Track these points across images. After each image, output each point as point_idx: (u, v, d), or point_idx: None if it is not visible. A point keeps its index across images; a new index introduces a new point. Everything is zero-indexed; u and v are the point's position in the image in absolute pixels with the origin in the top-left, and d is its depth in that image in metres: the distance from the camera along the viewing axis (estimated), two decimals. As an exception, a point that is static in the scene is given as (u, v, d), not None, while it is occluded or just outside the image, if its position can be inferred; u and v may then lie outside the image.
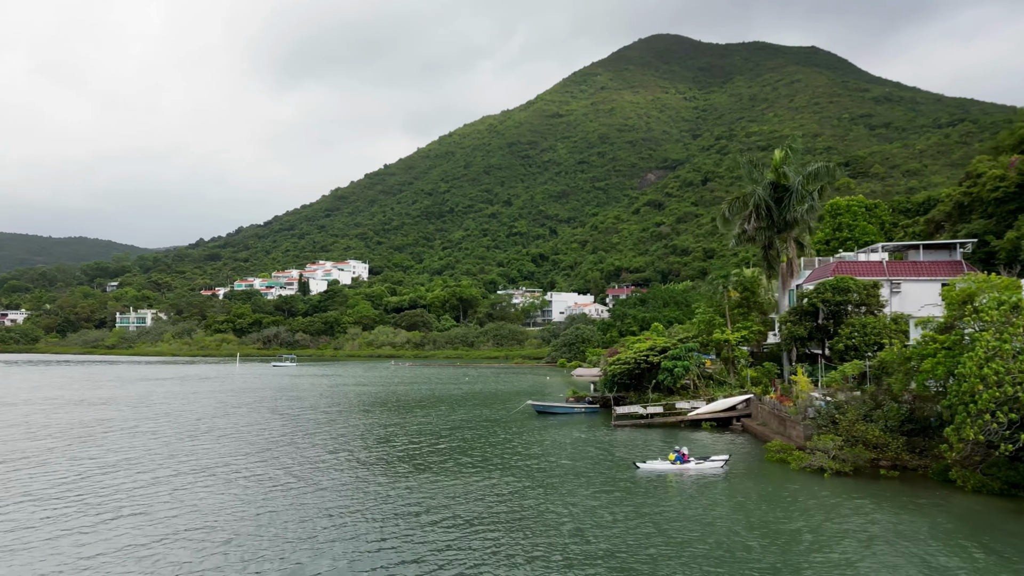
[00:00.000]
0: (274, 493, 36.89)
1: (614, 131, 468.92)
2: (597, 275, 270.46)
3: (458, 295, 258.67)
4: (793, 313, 64.52)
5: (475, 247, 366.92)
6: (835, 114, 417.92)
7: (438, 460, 45.78)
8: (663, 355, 66.35)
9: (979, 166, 79.05)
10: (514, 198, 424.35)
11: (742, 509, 33.30)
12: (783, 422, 50.46)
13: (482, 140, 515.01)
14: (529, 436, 55.78)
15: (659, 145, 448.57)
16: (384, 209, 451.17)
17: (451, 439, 54.33)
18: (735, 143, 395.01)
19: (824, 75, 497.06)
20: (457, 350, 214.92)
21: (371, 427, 61.60)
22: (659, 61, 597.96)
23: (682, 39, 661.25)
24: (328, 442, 53.64)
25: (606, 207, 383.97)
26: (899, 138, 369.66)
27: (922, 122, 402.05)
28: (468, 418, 67.88)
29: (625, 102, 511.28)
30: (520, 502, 34.68)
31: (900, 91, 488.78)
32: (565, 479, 39.67)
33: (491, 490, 37.02)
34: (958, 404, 36.37)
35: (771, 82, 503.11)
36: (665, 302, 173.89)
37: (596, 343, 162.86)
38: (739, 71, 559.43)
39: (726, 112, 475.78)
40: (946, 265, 69.79)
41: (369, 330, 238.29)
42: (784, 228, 65.75)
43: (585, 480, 39.63)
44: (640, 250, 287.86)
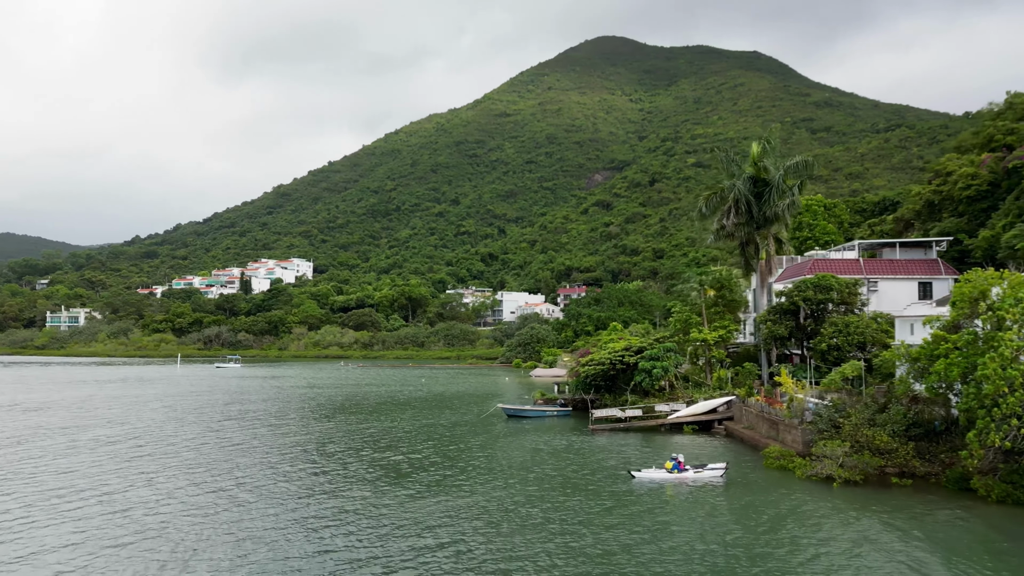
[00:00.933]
0: (250, 524, 33.12)
1: (561, 131, 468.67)
2: (548, 275, 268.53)
3: (407, 294, 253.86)
4: (772, 312, 62.74)
5: (423, 246, 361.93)
6: (777, 118, 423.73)
7: (416, 472, 42.37)
8: (640, 355, 63.90)
9: (949, 164, 78.74)
10: (462, 197, 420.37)
11: (758, 525, 30.75)
12: (775, 426, 48.39)
13: (429, 138, 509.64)
14: (506, 443, 52.70)
15: (606, 146, 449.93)
16: (329, 207, 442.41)
17: (425, 447, 50.90)
18: (681, 145, 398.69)
19: (767, 79, 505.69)
20: (407, 350, 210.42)
21: (336, 435, 57.73)
22: (605, 63, 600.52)
23: (628, 41, 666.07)
24: (296, 454, 49.75)
25: (554, 207, 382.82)
26: (839, 142, 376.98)
27: (861, 127, 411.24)
28: (437, 423, 64.47)
29: (572, 103, 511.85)
30: (520, 522, 31.56)
31: (839, 96, 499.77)
32: (559, 493, 36.68)
33: (483, 509, 33.82)
34: (978, 408, 34.52)
35: (715, 85, 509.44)
36: (620, 301, 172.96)
37: (551, 343, 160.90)
38: (684, 74, 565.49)
39: (671, 114, 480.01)
40: (922, 263, 68.99)
41: (315, 330, 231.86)
42: (764, 224, 63.95)
43: (581, 494, 36.72)
44: (590, 250, 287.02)
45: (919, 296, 67.48)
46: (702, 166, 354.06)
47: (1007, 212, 68.47)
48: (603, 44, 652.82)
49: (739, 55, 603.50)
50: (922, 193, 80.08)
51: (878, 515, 32.10)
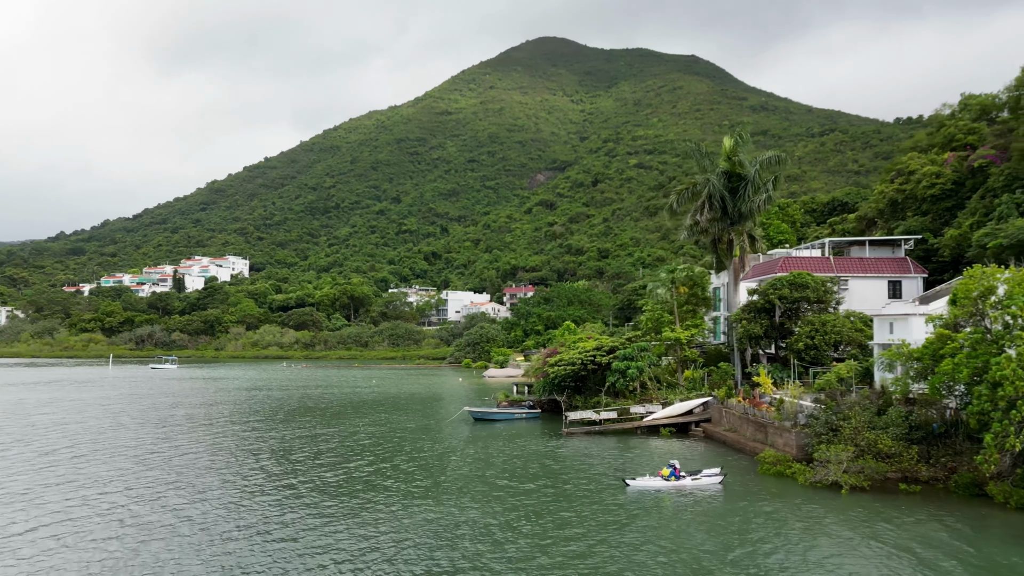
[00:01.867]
0: (210, 545, 29.77)
1: (503, 131, 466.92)
2: (493, 274, 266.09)
3: (349, 293, 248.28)
4: (747, 310, 61.48)
5: (364, 244, 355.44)
6: (716, 121, 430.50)
7: (393, 483, 39.34)
8: (612, 355, 61.88)
9: (911, 163, 78.96)
10: (403, 195, 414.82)
11: (781, 542, 28.68)
12: (763, 429, 46.77)
13: (369, 135, 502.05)
14: (479, 449, 49.92)
15: (548, 146, 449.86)
16: (265, 203, 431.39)
17: (396, 455, 47.81)
18: (622, 146, 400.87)
19: (705, 83, 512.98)
20: (351, 351, 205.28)
21: (297, 442, 54.16)
22: (547, 63, 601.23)
23: (568, 43, 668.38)
24: (256, 464, 46.17)
25: (497, 206, 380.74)
26: (776, 145, 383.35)
27: (796, 131, 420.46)
28: (402, 427, 61.36)
29: (514, 102, 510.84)
30: (515, 544, 28.96)
31: (775, 101, 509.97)
32: (549, 506, 34.07)
33: (477, 525, 31.08)
34: (992, 410, 33.24)
35: (654, 88, 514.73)
36: (569, 300, 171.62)
37: (501, 343, 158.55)
38: (624, 76, 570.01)
39: (612, 116, 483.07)
40: (891, 262, 68.72)
41: (254, 329, 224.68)
42: (738, 220, 62.57)
43: (575, 507, 34.25)
44: (535, 249, 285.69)
45: (888, 295, 67.20)
46: (644, 167, 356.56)
47: (974, 211, 68.72)
48: (544, 45, 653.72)
49: (677, 59, 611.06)
50: (885, 192, 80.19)
51: (902, 525, 30.47)
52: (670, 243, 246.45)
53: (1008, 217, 62.66)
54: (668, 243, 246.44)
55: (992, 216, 65.56)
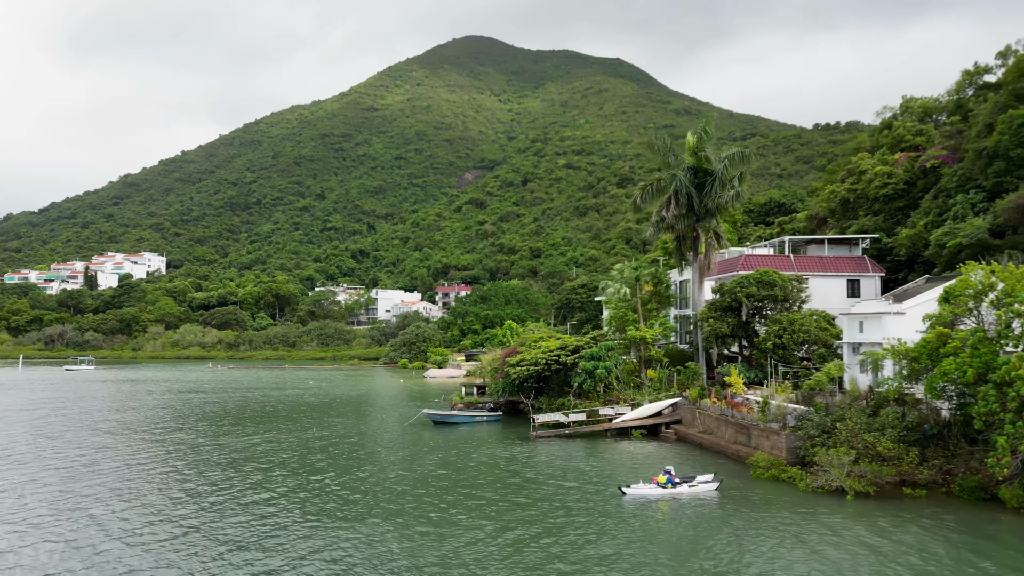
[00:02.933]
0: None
1: (431, 128, 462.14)
2: (424, 272, 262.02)
3: (274, 291, 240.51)
4: (714, 308, 60.42)
5: (287, 241, 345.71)
6: (641, 123, 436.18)
7: (366, 500, 36.30)
8: (577, 355, 59.86)
9: (862, 163, 79.62)
10: (328, 191, 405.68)
11: (796, 552, 27.05)
12: (745, 430, 45.40)
13: (292, 130, 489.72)
14: (446, 456, 46.96)
15: (476, 145, 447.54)
16: (182, 198, 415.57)
17: (356, 465, 44.54)
18: (551, 146, 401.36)
19: (630, 86, 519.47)
20: (278, 351, 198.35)
21: (247, 450, 50.35)
22: (474, 62, 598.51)
23: (496, 42, 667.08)
24: (206, 476, 42.36)
25: (426, 204, 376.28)
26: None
27: (719, 135, 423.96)
28: (355, 432, 58.03)
29: (441, 100, 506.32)
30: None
31: (697, 105, 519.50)
32: (548, 517, 31.69)
33: (476, 551, 28.50)
34: (1001, 411, 32.30)
35: (581, 90, 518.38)
36: (507, 299, 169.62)
37: (438, 342, 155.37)
38: (551, 77, 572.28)
39: (539, 116, 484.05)
40: (850, 261, 68.83)
41: (173, 329, 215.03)
42: (705, 216, 61.48)
43: (577, 524, 31.95)
44: (466, 248, 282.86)
45: (847, 294, 67.23)
46: (573, 168, 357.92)
47: (927, 210, 69.45)
48: (471, 43, 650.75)
49: (603, 61, 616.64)
50: (837, 191, 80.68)
51: (927, 532, 29.30)
52: (601, 243, 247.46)
53: (964, 217, 63.37)
54: (599, 243, 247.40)
55: (947, 216, 66.31)
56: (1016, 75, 65.31)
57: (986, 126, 66.62)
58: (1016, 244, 59.22)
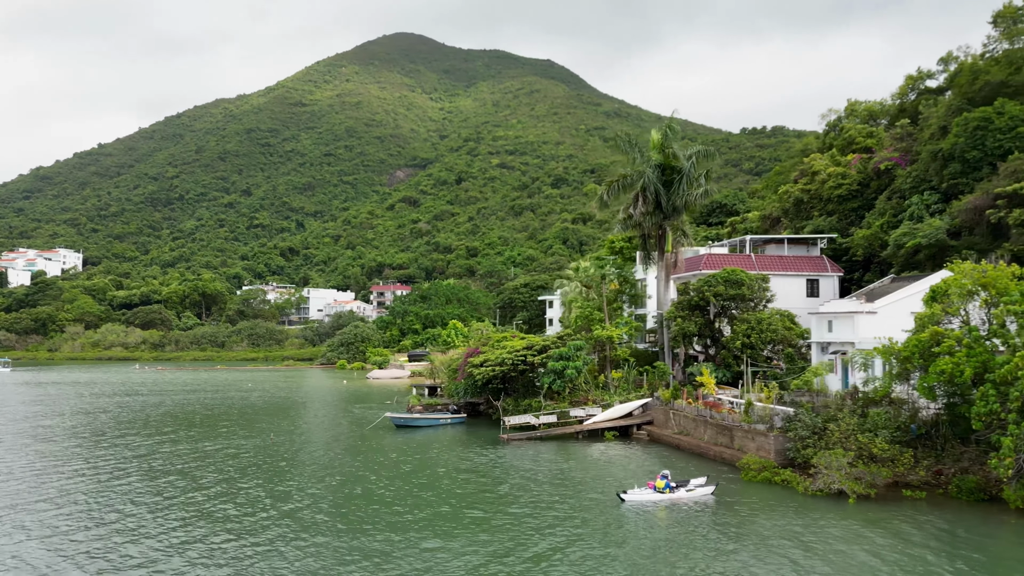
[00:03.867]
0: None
1: (361, 125, 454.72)
2: (357, 271, 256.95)
3: (200, 290, 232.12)
4: (681, 307, 59.78)
5: (212, 238, 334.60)
6: (573, 125, 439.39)
7: (332, 512, 34.04)
8: (544, 355, 58.35)
9: (815, 164, 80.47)
10: (254, 188, 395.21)
11: (814, 561, 26.11)
12: (727, 432, 44.57)
13: (216, 124, 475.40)
14: (417, 463, 44.66)
15: (408, 143, 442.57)
16: (99, 193, 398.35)
17: (323, 474, 41.98)
18: (484, 146, 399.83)
19: (561, 87, 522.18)
20: (206, 351, 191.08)
21: (197, 458, 47.23)
22: (405, 59, 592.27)
23: (426, 40, 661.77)
24: (154, 488, 39.29)
25: (356, 202, 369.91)
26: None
27: (647, 137, 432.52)
28: (314, 438, 55.28)
29: (372, 97, 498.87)
30: None
31: (627, 108, 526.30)
32: (552, 535, 29.96)
33: (501, 568, 26.66)
34: (1002, 412, 32.01)
35: (512, 90, 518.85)
36: (447, 299, 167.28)
37: (376, 342, 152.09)
38: (482, 77, 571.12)
39: (471, 115, 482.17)
40: (809, 260, 69.28)
41: (94, 329, 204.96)
42: (672, 214, 60.80)
43: (588, 537, 30.37)
44: (401, 246, 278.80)
45: (807, 293, 67.63)
46: (506, 167, 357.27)
47: (882, 211, 70.37)
48: (402, 40, 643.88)
49: (534, 62, 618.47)
50: (790, 191, 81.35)
51: (951, 536, 28.74)
52: (538, 243, 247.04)
53: (921, 218, 64.34)
54: (536, 242, 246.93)
55: (902, 216, 67.27)
56: (969, 79, 66.69)
57: (940, 128, 67.88)
58: (972, 245, 60.32)
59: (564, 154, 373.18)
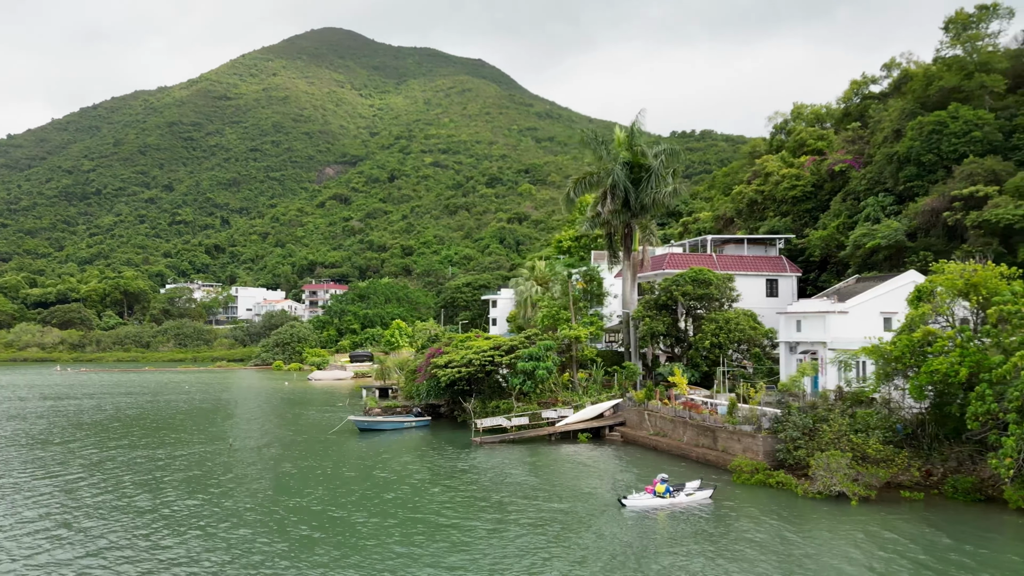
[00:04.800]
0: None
1: (289, 120, 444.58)
2: (288, 269, 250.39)
3: (122, 288, 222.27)
4: (648, 307, 59.19)
5: (132, 235, 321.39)
6: (505, 125, 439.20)
7: (338, 536, 31.93)
8: (512, 355, 56.87)
9: (769, 165, 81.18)
10: (176, 183, 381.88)
11: (850, 565, 25.43)
12: (709, 433, 43.88)
13: (135, 116, 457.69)
14: (392, 471, 42.54)
15: (337, 139, 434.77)
16: (8, 186, 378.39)
17: (304, 484, 39.73)
18: (416, 144, 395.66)
19: (493, 87, 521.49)
20: (130, 352, 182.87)
21: (152, 468, 44.15)
22: (333, 55, 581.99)
23: (355, 35, 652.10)
24: (122, 502, 36.45)
25: (284, 198, 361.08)
26: (562, 151, 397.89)
27: (579, 139, 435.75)
28: (275, 444, 52.49)
29: (300, 92, 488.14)
30: None
31: (558, 109, 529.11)
32: (567, 550, 28.61)
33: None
34: (1000, 412, 31.98)
35: (444, 88, 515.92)
36: (387, 298, 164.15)
37: (313, 343, 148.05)
38: (413, 74, 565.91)
39: (403, 113, 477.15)
40: (768, 260, 69.67)
41: (6, 328, 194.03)
42: (641, 212, 60.14)
43: (602, 549, 29.08)
44: (333, 244, 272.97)
45: (766, 293, 67.98)
46: (440, 166, 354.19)
47: (837, 213, 71.30)
48: (330, 35, 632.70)
49: (465, 61, 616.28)
50: (744, 192, 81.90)
51: (973, 539, 28.40)
52: (474, 242, 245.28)
53: (878, 219, 65.32)
54: (472, 242, 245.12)
55: (858, 218, 68.27)
56: (923, 84, 68.05)
57: (894, 132, 69.14)
58: (928, 246, 61.49)
59: (498, 154, 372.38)
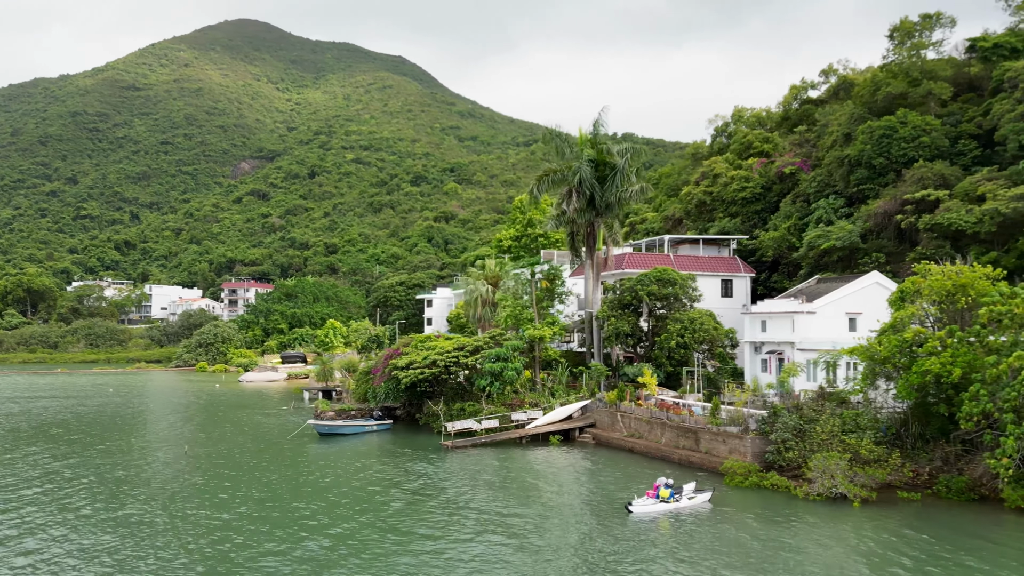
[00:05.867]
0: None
1: (202, 113, 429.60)
2: (205, 267, 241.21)
3: (25, 285, 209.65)
4: (614, 306, 58.52)
5: (33, 229, 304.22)
6: (427, 123, 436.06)
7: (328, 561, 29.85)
8: (477, 355, 55.23)
9: (717, 167, 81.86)
10: (81, 175, 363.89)
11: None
12: (691, 434, 43.25)
13: (35, 105, 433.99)
14: (364, 480, 40.34)
15: (253, 133, 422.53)
16: None
17: (274, 500, 37.27)
18: (336, 140, 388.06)
19: (414, 85, 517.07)
20: (36, 353, 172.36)
21: (124, 478, 40.86)
22: (248, 47, 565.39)
23: (271, 28, 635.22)
24: (82, 517, 33.40)
25: (197, 193, 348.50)
26: (485, 151, 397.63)
27: (502, 139, 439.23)
28: (232, 450, 49.44)
29: (214, 84, 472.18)
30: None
31: (480, 109, 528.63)
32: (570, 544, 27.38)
33: None
34: (996, 412, 32.24)
35: (364, 84, 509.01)
36: (315, 297, 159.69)
37: (239, 343, 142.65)
38: (332, 69, 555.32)
39: (321, 108, 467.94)
40: (723, 261, 70.03)
41: None
42: (606, 210, 59.38)
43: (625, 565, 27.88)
44: (253, 241, 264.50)
45: (721, 293, 68.24)
46: (362, 163, 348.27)
47: (788, 214, 72.31)
48: (245, 27, 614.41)
49: (386, 58, 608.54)
50: (693, 193, 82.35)
51: (990, 539, 28.37)
52: (401, 240, 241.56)
53: (830, 221, 66.45)
54: (399, 240, 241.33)
55: (808, 219, 69.37)
56: (871, 90, 69.62)
57: (843, 136, 70.51)
58: (880, 248, 62.88)
59: (421, 152, 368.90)
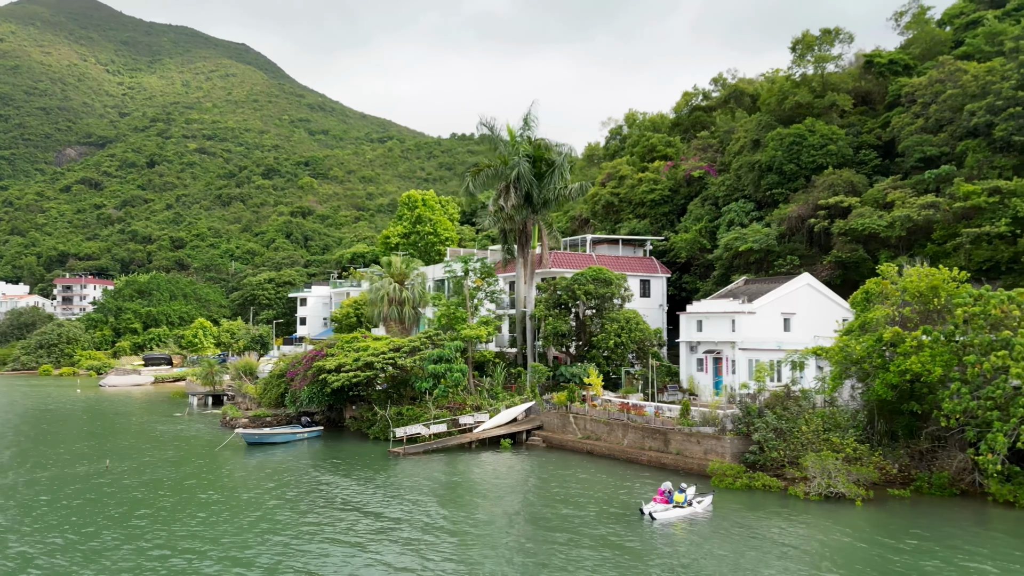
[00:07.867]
0: None
1: (20, 93, 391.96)
2: (32, 260, 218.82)
3: None
4: (550, 306, 57.27)
5: None
6: (275, 114, 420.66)
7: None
8: (414, 356, 52.19)
9: (623, 168, 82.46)
10: None
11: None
12: (659, 435, 42.55)
13: None
14: (318, 496, 36.71)
15: (80, 117, 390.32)
16: None
17: (227, 527, 33.14)
18: (176, 128, 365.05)
19: (260, 75, 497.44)
20: None
21: (45, 498, 35.11)
22: (73, 24, 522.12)
23: (100, 6, 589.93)
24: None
25: (16, 180, 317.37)
26: (337, 145, 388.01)
27: (355, 134, 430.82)
28: (157, 464, 43.95)
29: (33, 62, 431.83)
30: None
31: (330, 103, 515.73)
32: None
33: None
34: (979, 409, 33.44)
35: (205, 71, 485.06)
36: (172, 294, 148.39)
37: (87, 344, 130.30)
38: (168, 53, 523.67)
39: (158, 94, 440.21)
40: (640, 261, 70.53)
41: None
42: (542, 208, 57.95)
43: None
44: (87, 234, 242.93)
45: (640, 293, 68.56)
46: (207, 153, 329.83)
47: (699, 217, 73.74)
48: (69, 3, 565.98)
49: (228, 44, 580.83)
50: (600, 194, 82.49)
51: (996, 534, 29.02)
52: (255, 235, 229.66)
53: (744, 224, 68.27)
54: (253, 235, 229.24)
55: (719, 222, 71.05)
56: (779, 99, 72.14)
57: (752, 142, 72.72)
58: (793, 250, 65.16)
59: (270, 144, 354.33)
